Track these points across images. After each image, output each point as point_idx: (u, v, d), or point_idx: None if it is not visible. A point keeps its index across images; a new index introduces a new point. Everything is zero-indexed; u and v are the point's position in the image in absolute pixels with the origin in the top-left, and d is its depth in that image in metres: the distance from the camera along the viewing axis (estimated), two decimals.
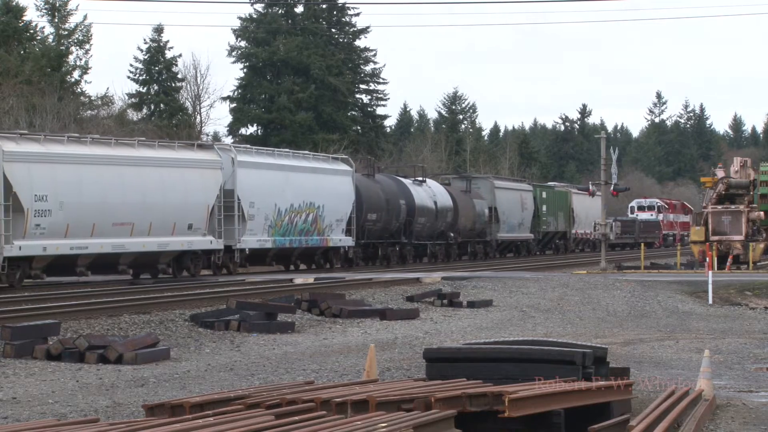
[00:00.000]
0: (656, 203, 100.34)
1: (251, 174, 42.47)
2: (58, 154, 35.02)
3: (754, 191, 47.71)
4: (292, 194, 44.94)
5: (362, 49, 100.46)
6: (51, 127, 55.01)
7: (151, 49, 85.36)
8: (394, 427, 10.10)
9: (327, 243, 47.43)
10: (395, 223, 52.55)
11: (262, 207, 42.92)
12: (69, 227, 34.70)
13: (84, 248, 35.32)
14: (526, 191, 69.26)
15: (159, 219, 37.99)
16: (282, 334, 24.39)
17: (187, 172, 39.52)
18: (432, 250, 56.79)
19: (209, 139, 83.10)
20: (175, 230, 38.60)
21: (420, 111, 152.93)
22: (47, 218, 34.03)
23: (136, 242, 37.20)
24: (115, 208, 36.43)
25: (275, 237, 43.94)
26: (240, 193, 41.65)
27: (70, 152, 35.53)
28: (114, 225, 36.41)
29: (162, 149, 39.87)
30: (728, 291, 35.54)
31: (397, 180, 55.15)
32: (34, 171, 33.96)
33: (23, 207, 33.31)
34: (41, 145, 34.96)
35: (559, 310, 31.39)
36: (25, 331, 20.10)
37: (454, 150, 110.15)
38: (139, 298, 28.83)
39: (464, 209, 59.29)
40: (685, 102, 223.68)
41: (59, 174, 34.74)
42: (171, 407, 11.29)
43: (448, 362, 13.70)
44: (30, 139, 35.53)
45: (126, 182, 37.02)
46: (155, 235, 37.84)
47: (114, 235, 36.36)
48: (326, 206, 46.84)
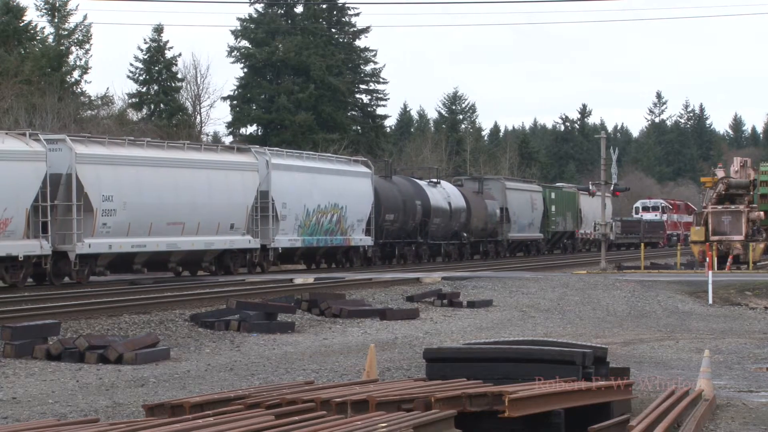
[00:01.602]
0: (661, 204, 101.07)
1: (283, 176, 44.39)
2: (120, 156, 36.95)
3: (754, 191, 47.69)
4: (319, 195, 46.86)
5: (362, 49, 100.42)
6: (51, 127, 54.99)
7: (151, 49, 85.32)
8: (394, 427, 10.10)
9: (349, 242, 49.29)
10: (411, 224, 54.22)
11: (292, 207, 44.87)
12: (130, 226, 36.68)
13: (143, 246, 37.30)
14: (535, 192, 70.84)
15: (206, 219, 39.95)
16: (282, 334, 24.39)
17: (230, 174, 41.49)
18: (446, 249, 58.31)
19: (209, 139, 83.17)
20: (219, 229, 40.59)
21: (420, 111, 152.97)
22: (112, 217, 36.04)
23: (186, 241, 39.13)
24: (169, 208, 38.38)
25: (304, 236, 45.89)
26: (274, 194, 43.58)
27: (131, 154, 37.48)
28: (168, 224, 38.33)
29: (207, 152, 41.88)
30: (728, 291, 35.52)
31: (413, 182, 56.74)
32: (101, 172, 35.87)
33: (93, 207, 35.24)
34: (106, 148, 36.84)
35: (559, 310, 31.38)
36: (25, 331, 20.09)
37: (454, 150, 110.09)
38: (139, 298, 28.83)
39: (477, 210, 60.76)
40: (685, 102, 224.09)
41: (122, 175, 36.69)
42: (171, 407, 11.29)
43: (448, 362, 13.70)
44: (95, 141, 37.34)
45: (178, 183, 39.01)
46: (202, 234, 39.81)
47: (167, 234, 38.31)
48: (348, 207, 48.70)
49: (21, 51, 71.38)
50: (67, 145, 35.08)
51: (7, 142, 33.57)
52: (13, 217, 32.98)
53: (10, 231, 32.95)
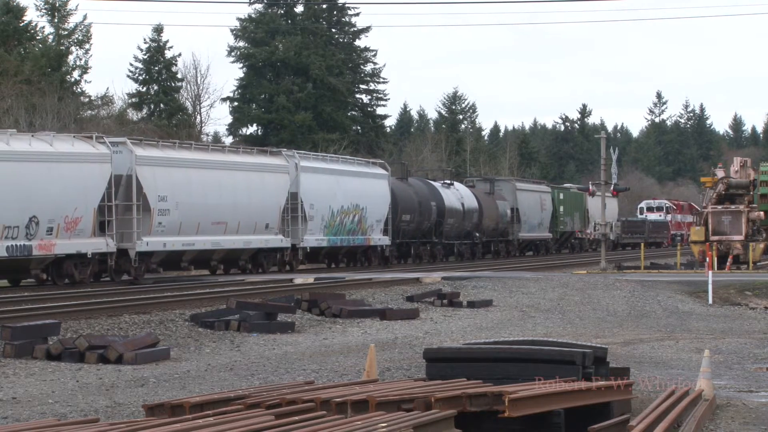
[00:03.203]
0: (665, 204, 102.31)
1: (311, 178, 46.29)
2: (172, 158, 38.91)
3: (754, 191, 47.67)
4: (342, 197, 48.70)
5: (362, 49, 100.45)
6: (51, 127, 54.98)
7: (151, 48, 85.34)
8: (394, 427, 10.09)
9: (369, 242, 51.03)
10: (427, 224, 55.91)
11: (319, 208, 46.72)
12: (181, 225, 38.62)
13: (191, 245, 39.31)
14: (545, 193, 72.56)
15: (245, 218, 41.83)
16: (282, 334, 24.38)
17: (265, 176, 43.42)
18: (459, 249, 59.81)
19: (209, 139, 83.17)
20: (256, 229, 42.46)
21: (420, 111, 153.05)
22: (167, 217, 37.97)
23: (228, 240, 41.09)
24: (214, 208, 40.29)
25: (329, 236, 47.79)
26: (302, 195, 45.45)
27: (181, 156, 39.52)
28: (212, 224, 40.25)
29: (245, 155, 43.89)
30: (728, 291, 35.50)
31: (428, 183, 58.55)
32: (157, 174, 37.80)
33: (150, 206, 37.22)
34: (160, 150, 38.92)
35: (559, 310, 31.37)
36: (25, 331, 20.08)
37: (454, 150, 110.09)
38: (139, 298, 28.82)
39: (488, 210, 62.38)
40: (685, 102, 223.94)
41: (174, 176, 38.57)
42: (171, 407, 11.28)
43: (448, 362, 13.69)
44: (149, 144, 39.44)
45: (222, 184, 40.90)
46: (242, 234, 41.73)
47: (212, 233, 40.28)
48: (368, 208, 50.53)
49: (21, 51, 71.41)
50: (127, 147, 36.91)
51: (76, 145, 35.52)
52: (83, 216, 34.85)
53: (80, 229, 34.84)
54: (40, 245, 33.55)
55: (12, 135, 34.31)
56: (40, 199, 33.56)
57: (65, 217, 34.32)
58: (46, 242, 33.77)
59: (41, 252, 33.69)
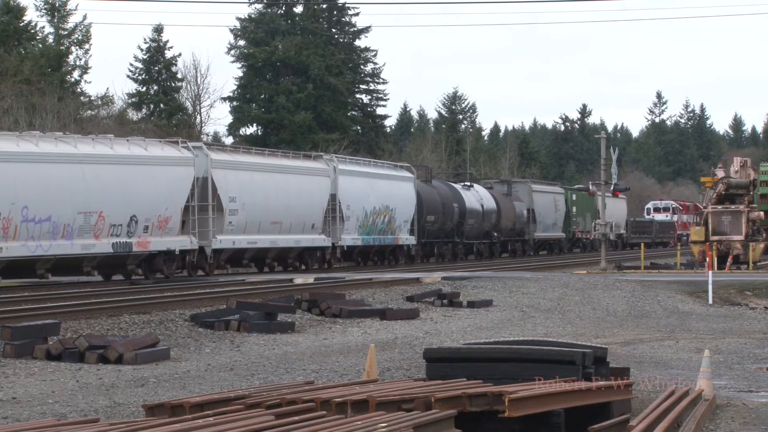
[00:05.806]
0: (671, 205, 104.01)
1: (347, 180, 48.96)
2: (239, 162, 41.95)
3: (754, 191, 47.65)
4: (374, 198, 51.32)
5: (362, 49, 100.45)
6: (51, 127, 54.96)
7: (150, 48, 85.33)
8: (394, 427, 10.09)
9: (398, 241, 53.79)
10: (449, 224, 58.71)
11: (354, 209, 49.39)
12: (246, 225, 41.53)
13: (254, 243, 42.30)
14: (558, 194, 75.81)
15: (296, 219, 44.72)
16: (282, 334, 24.37)
17: (311, 179, 46.44)
18: (478, 248, 62.53)
19: (209, 138, 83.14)
20: (304, 228, 45.38)
21: (420, 111, 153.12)
22: (236, 216, 40.90)
23: (282, 239, 43.98)
24: (271, 209, 43.02)
25: (363, 236, 50.39)
26: (340, 197, 48.09)
27: (244, 160, 42.54)
28: (271, 223, 43.04)
29: (293, 159, 47.00)
30: (728, 291, 35.50)
31: (450, 185, 61.63)
32: (228, 176, 40.83)
33: (223, 207, 40.17)
34: (228, 154, 42.38)
35: (559, 310, 31.36)
36: (25, 331, 20.06)
37: (454, 150, 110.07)
38: (139, 298, 28.79)
39: (506, 211, 65.10)
40: (685, 102, 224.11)
41: (241, 179, 41.53)
42: (171, 407, 11.28)
43: (448, 362, 13.68)
44: (219, 148, 43.07)
45: (278, 187, 43.78)
46: (294, 233, 44.62)
47: (270, 232, 43.08)
48: (397, 209, 53.22)
49: (21, 51, 71.37)
50: (203, 151, 39.98)
51: (165, 149, 38.51)
52: (172, 215, 37.82)
53: (169, 228, 37.79)
54: (138, 242, 36.48)
55: (113, 140, 37.04)
56: (139, 199, 36.41)
57: (158, 216, 37.22)
58: (143, 239, 36.67)
59: (139, 249, 36.61)
